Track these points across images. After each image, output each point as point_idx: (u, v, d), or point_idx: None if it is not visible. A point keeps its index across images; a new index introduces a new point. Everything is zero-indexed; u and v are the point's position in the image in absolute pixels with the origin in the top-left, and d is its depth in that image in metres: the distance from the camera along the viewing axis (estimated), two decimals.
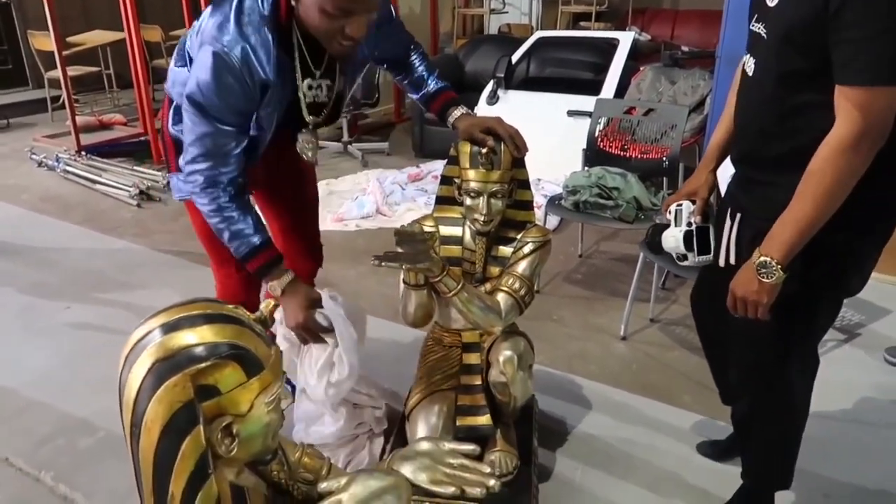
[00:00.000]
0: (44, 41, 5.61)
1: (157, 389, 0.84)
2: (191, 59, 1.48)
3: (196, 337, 0.87)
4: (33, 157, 4.89)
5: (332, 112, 1.67)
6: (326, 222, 3.68)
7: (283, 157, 1.77)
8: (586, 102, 3.81)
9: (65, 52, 5.08)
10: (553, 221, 3.56)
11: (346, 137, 5.12)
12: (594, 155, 3.17)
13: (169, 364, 0.85)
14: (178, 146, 1.62)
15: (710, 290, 1.67)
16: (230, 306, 0.94)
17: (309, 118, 1.61)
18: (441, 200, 1.74)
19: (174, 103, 1.65)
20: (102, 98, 6.62)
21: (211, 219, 1.54)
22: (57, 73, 5.07)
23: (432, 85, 1.79)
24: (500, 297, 1.61)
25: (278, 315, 1.64)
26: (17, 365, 2.46)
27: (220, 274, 1.88)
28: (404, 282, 1.61)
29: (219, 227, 1.54)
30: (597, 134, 3.20)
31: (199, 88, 1.40)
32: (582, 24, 7.04)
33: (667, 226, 1.70)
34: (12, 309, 2.87)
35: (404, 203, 3.98)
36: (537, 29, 6.68)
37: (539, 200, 3.72)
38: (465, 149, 1.59)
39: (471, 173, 1.58)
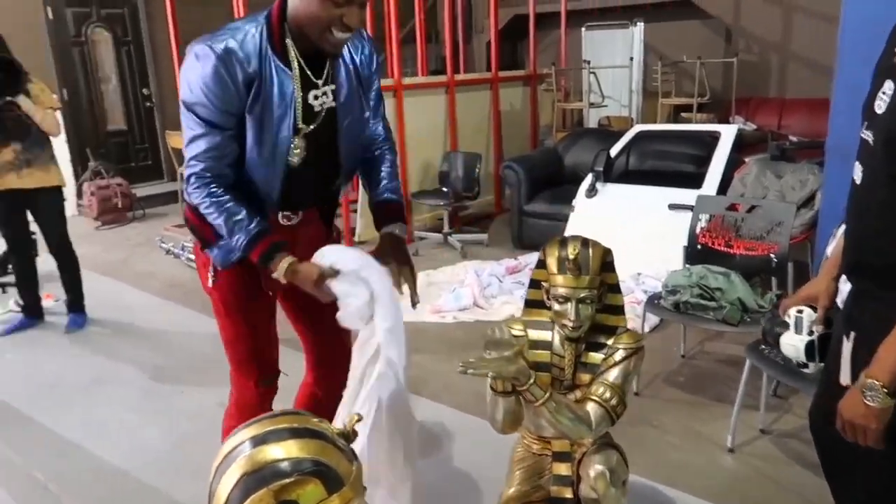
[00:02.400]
0: (179, 140, 6.20)
1: (243, 503, 0.87)
2: None
3: (282, 452, 0.90)
4: (162, 245, 5.34)
5: (322, 124, 1.63)
6: (424, 314, 3.74)
7: (311, 243, 1.70)
8: (688, 196, 3.74)
9: None
10: (653, 320, 3.45)
11: (446, 229, 5.27)
12: (696, 251, 3.09)
13: (255, 478, 0.89)
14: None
15: (830, 409, 1.56)
16: (315, 419, 0.98)
17: (301, 124, 1.60)
18: (530, 304, 1.75)
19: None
20: None
21: (207, 211, 1.58)
22: None
23: (385, 195, 1.78)
24: (590, 408, 1.57)
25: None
26: (133, 448, 2.62)
27: (238, 384, 1.89)
28: (491, 388, 1.59)
29: (216, 220, 1.58)
30: (698, 230, 3.13)
31: (187, 87, 1.51)
32: (683, 115, 7.00)
33: (778, 330, 1.66)
34: (136, 392, 3.09)
35: (501, 296, 3.99)
36: (637, 122, 6.70)
37: (639, 296, 3.64)
38: (553, 253, 1.60)
39: (559, 279, 1.58)
